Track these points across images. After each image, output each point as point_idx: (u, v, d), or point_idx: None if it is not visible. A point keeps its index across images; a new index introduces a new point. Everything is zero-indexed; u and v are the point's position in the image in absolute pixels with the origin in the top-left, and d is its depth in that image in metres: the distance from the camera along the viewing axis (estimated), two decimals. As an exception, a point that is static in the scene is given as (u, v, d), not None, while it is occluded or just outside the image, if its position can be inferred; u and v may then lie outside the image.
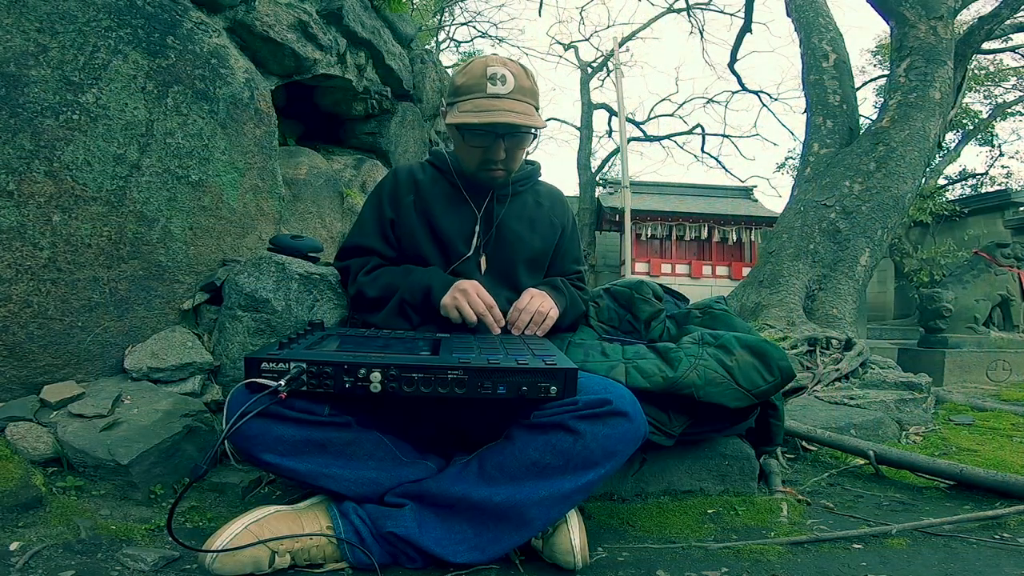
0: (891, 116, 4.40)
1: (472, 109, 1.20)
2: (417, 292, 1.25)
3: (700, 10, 13.97)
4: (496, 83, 1.20)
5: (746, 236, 16.38)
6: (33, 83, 1.31)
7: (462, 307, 1.19)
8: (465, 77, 1.23)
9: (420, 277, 1.26)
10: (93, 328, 1.42)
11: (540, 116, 1.27)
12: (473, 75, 1.22)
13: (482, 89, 1.20)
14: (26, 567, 0.91)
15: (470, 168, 1.31)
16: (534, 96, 1.25)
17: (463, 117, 1.20)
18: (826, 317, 3.73)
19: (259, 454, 0.94)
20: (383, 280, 1.29)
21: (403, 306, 1.26)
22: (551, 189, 1.49)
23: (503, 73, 1.20)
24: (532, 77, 1.26)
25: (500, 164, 1.27)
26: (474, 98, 1.21)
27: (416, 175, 1.38)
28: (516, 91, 1.21)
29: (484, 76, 1.20)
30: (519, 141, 1.26)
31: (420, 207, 1.34)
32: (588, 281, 1.56)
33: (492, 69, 1.21)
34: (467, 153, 1.29)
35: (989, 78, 12.50)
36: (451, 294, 1.21)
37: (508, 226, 1.36)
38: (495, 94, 1.20)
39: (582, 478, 0.95)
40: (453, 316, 1.21)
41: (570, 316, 1.37)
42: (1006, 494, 1.37)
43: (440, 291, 1.22)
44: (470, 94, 1.21)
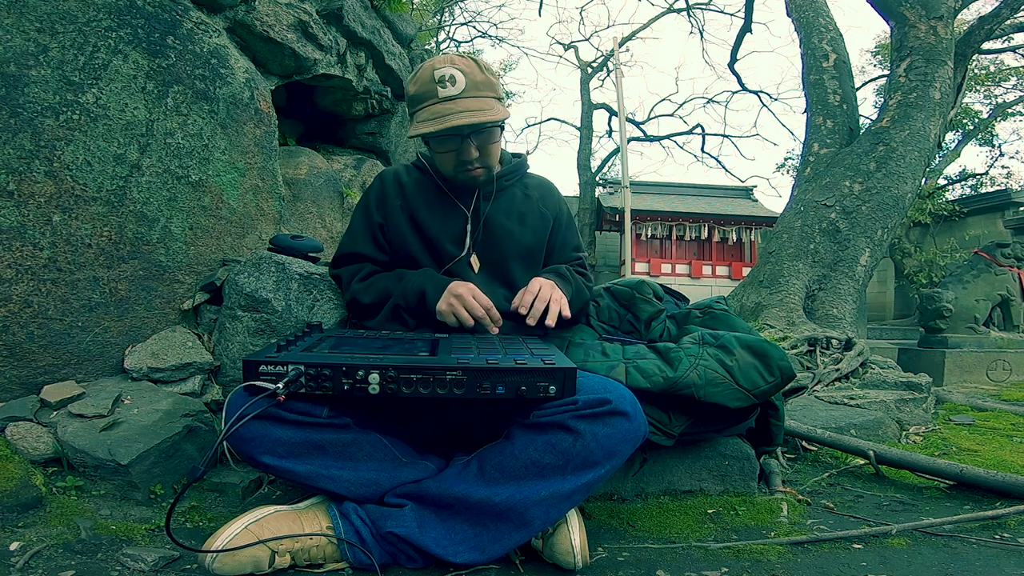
0: (891, 116, 4.40)
1: (428, 117, 1.18)
2: (412, 297, 1.24)
3: (700, 10, 13.97)
4: (446, 85, 1.17)
5: (746, 236, 16.37)
6: (33, 83, 1.31)
7: (458, 312, 1.18)
8: (416, 85, 1.21)
9: (414, 281, 1.25)
10: (93, 328, 1.42)
11: (501, 106, 1.24)
12: (423, 81, 1.20)
13: (433, 94, 1.18)
14: (26, 567, 0.91)
15: (448, 172, 1.30)
16: (490, 87, 1.22)
17: (421, 127, 1.19)
18: (826, 317, 3.73)
19: (258, 456, 0.94)
20: (377, 286, 1.29)
21: (398, 311, 1.26)
22: (540, 181, 1.47)
23: (451, 73, 1.18)
24: (486, 69, 1.23)
25: (476, 163, 1.25)
26: (428, 105, 1.19)
27: (401, 178, 1.37)
28: (469, 88, 1.18)
29: (433, 81, 1.18)
30: (487, 136, 1.24)
31: (408, 210, 1.33)
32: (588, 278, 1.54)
33: (440, 71, 1.18)
34: (441, 159, 1.28)
35: (989, 78, 12.50)
36: (446, 299, 1.20)
37: (496, 223, 1.34)
38: (447, 96, 1.18)
39: (582, 478, 0.95)
40: (450, 322, 1.20)
41: (575, 304, 1.33)
42: (1006, 494, 1.37)
43: (435, 295, 1.21)
44: (424, 102, 1.20)
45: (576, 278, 1.39)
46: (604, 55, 16.32)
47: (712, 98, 21.16)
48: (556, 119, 27.95)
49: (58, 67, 1.35)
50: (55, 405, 1.29)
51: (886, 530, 1.16)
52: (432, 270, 1.29)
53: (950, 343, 4.33)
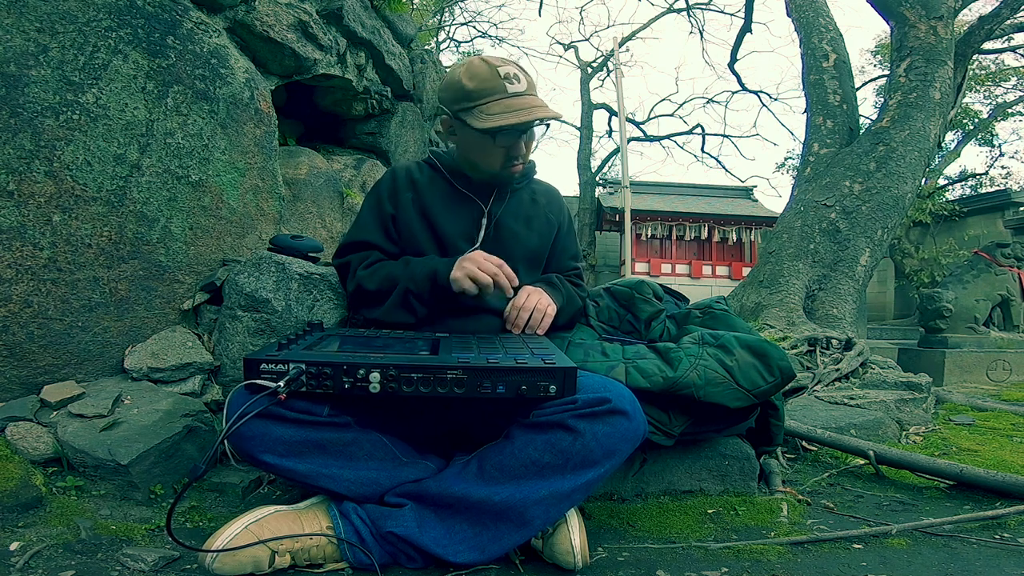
0: (891, 116, 4.40)
1: (503, 111, 1.18)
2: (421, 277, 1.22)
3: (700, 10, 13.98)
4: (512, 81, 1.20)
5: (746, 236, 16.38)
6: (33, 83, 1.31)
7: (474, 273, 1.16)
8: (475, 81, 1.20)
9: (422, 264, 1.25)
10: (93, 328, 1.42)
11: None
12: (483, 77, 1.19)
13: (502, 89, 1.19)
14: (26, 567, 0.91)
15: (493, 169, 1.29)
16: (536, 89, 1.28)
17: (498, 120, 1.17)
18: (826, 317, 3.73)
19: (259, 455, 0.94)
20: (382, 272, 1.27)
21: (407, 296, 1.23)
22: (547, 187, 1.49)
23: (514, 72, 1.22)
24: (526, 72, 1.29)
25: (520, 159, 1.29)
26: (498, 99, 1.19)
27: (413, 174, 1.37)
28: (529, 87, 1.23)
29: (498, 76, 1.19)
30: (532, 134, 1.29)
31: (419, 206, 1.33)
32: (588, 281, 1.56)
33: (503, 69, 1.20)
34: (489, 154, 1.27)
35: (989, 78, 12.50)
36: (458, 266, 1.19)
37: (506, 224, 1.35)
38: (516, 92, 1.20)
39: (582, 477, 0.95)
40: (468, 287, 1.17)
41: (567, 313, 1.37)
42: (1006, 494, 1.37)
43: (445, 270, 1.20)
44: (490, 96, 1.19)
45: (567, 287, 1.41)
46: (604, 55, 16.33)
47: (712, 98, 21.19)
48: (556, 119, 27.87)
49: (58, 67, 1.35)
50: (55, 405, 1.29)
51: (886, 530, 1.16)
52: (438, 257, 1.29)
53: (950, 343, 4.33)
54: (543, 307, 1.26)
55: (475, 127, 1.19)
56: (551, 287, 1.35)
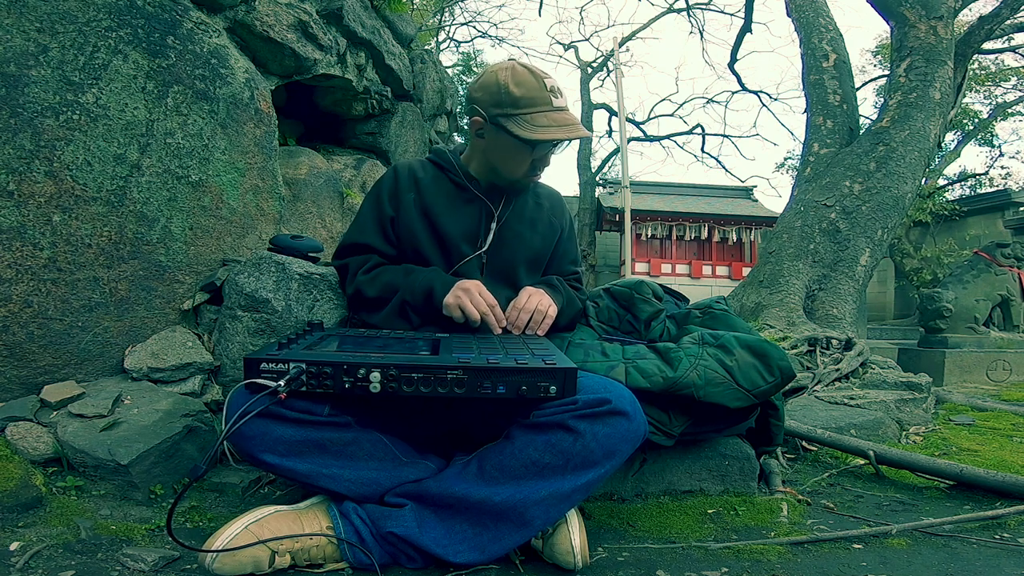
0: (891, 116, 4.40)
1: (550, 123, 1.20)
2: (418, 293, 1.24)
3: (700, 10, 13.96)
4: (558, 96, 1.23)
5: (746, 236, 16.38)
6: (33, 83, 1.31)
7: (465, 306, 1.19)
8: (523, 89, 1.20)
9: (421, 278, 1.25)
10: (93, 328, 1.42)
11: None
12: (531, 87, 1.21)
13: (548, 102, 1.21)
14: (26, 567, 0.91)
15: (515, 176, 1.30)
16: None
17: (545, 132, 1.19)
18: (826, 317, 3.73)
19: (259, 454, 0.94)
20: (382, 279, 1.28)
21: (404, 307, 1.25)
22: (550, 191, 1.50)
23: (558, 87, 1.24)
24: None
25: (543, 170, 1.33)
26: (544, 111, 1.21)
27: (416, 173, 1.37)
28: (567, 103, 1.25)
29: (544, 89, 1.21)
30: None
31: (421, 206, 1.33)
32: (588, 281, 1.58)
33: (549, 82, 1.23)
34: (518, 162, 1.28)
35: (989, 78, 12.49)
36: (453, 293, 1.21)
37: (510, 226, 1.36)
38: (559, 107, 1.23)
39: (582, 478, 0.95)
40: (456, 316, 1.20)
41: (567, 315, 1.38)
42: (1006, 494, 1.37)
43: (441, 292, 1.22)
44: (536, 107, 1.20)
45: (567, 290, 1.42)
46: (604, 55, 16.32)
47: (712, 98, 21.19)
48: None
49: (58, 67, 1.35)
50: (55, 405, 1.29)
51: (886, 530, 1.16)
52: (439, 269, 1.30)
53: (950, 343, 4.33)
54: (544, 308, 1.26)
55: (518, 135, 1.20)
56: (552, 289, 1.36)
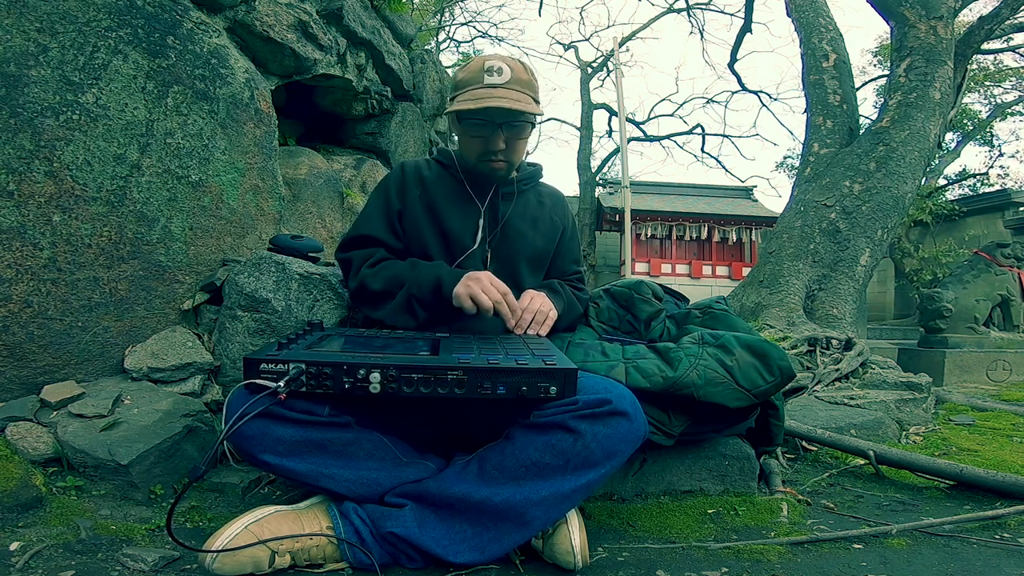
0: (891, 116, 4.40)
1: (469, 98, 1.23)
2: (426, 285, 1.22)
3: (700, 10, 13.97)
4: (493, 74, 1.23)
5: (746, 236, 16.38)
6: (33, 83, 1.31)
7: (476, 295, 1.16)
8: (465, 72, 1.28)
9: (428, 270, 1.24)
10: (93, 328, 1.42)
11: (538, 106, 1.29)
12: (472, 69, 1.26)
13: (479, 80, 1.24)
14: (26, 567, 0.91)
15: (471, 160, 1.31)
16: (531, 88, 1.27)
17: (460, 105, 1.23)
18: (826, 317, 3.73)
19: (259, 454, 0.94)
20: (387, 273, 1.26)
21: (411, 300, 1.23)
22: (553, 190, 1.51)
23: (500, 65, 1.24)
24: (531, 72, 1.29)
25: (500, 155, 1.28)
26: (471, 89, 1.24)
27: (422, 171, 1.38)
28: (512, 81, 1.24)
29: (482, 69, 1.24)
30: (517, 131, 1.27)
31: (426, 202, 1.34)
32: (588, 281, 1.57)
33: (490, 63, 1.25)
34: (469, 145, 1.30)
35: (989, 78, 12.49)
36: (464, 283, 1.19)
37: (512, 224, 1.37)
38: (491, 84, 1.23)
39: (582, 478, 0.95)
40: (467, 306, 1.17)
41: (567, 318, 1.38)
42: (1006, 494, 1.37)
43: (450, 282, 1.20)
44: (468, 86, 1.25)
45: (568, 292, 1.42)
46: (604, 55, 16.33)
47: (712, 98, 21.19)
48: (556, 119, 27.92)
49: (58, 67, 1.35)
50: (55, 405, 1.29)
51: (886, 530, 1.16)
52: (445, 263, 1.29)
53: (950, 343, 4.33)
54: (545, 309, 1.26)
55: (446, 111, 1.30)
56: (553, 293, 1.36)
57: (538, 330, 1.24)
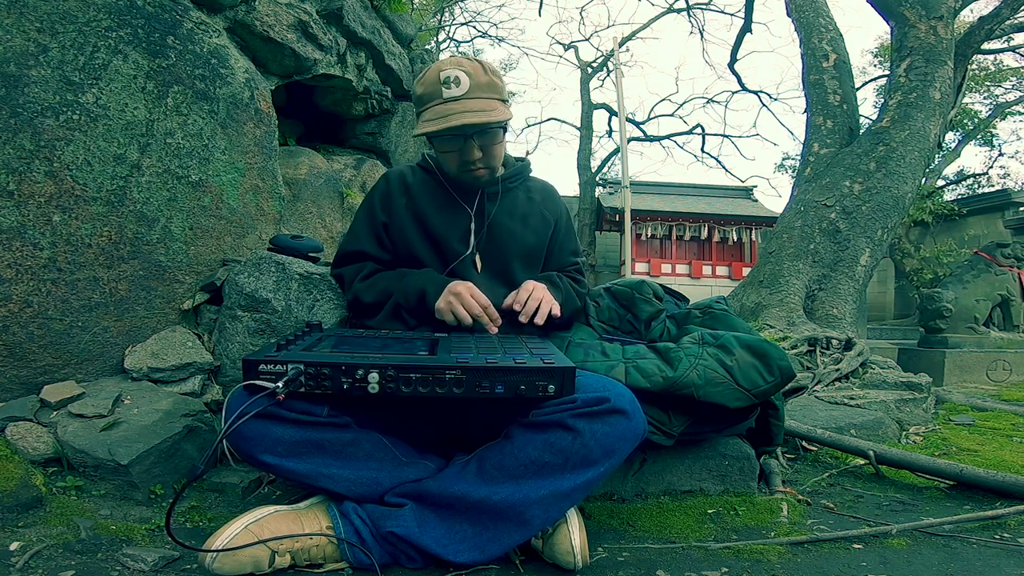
0: (891, 116, 4.40)
1: (432, 117, 1.21)
2: (412, 296, 1.25)
3: (700, 10, 13.97)
4: (450, 86, 1.19)
5: (746, 236, 16.38)
6: (33, 83, 1.31)
7: (456, 310, 1.19)
8: (423, 86, 1.23)
9: (414, 281, 1.26)
10: (93, 328, 1.43)
11: (505, 107, 1.26)
12: (429, 82, 1.22)
13: (438, 95, 1.21)
14: (26, 567, 0.91)
15: (452, 172, 1.32)
16: (494, 89, 1.23)
17: (425, 127, 1.21)
18: (826, 317, 3.73)
19: (258, 455, 0.94)
20: (378, 286, 1.29)
21: (398, 310, 1.26)
22: (542, 184, 1.49)
23: (456, 75, 1.20)
24: (491, 71, 1.25)
25: (479, 163, 1.27)
26: (432, 105, 1.22)
27: (407, 178, 1.38)
28: (472, 89, 1.20)
29: (438, 82, 1.20)
30: (490, 137, 1.26)
31: (413, 210, 1.34)
32: (588, 281, 1.56)
33: (445, 73, 1.20)
34: (445, 159, 1.30)
35: (989, 78, 12.49)
36: (445, 297, 1.21)
37: (500, 223, 1.36)
38: (451, 97, 1.20)
39: (581, 476, 0.95)
40: (448, 320, 1.21)
41: (567, 310, 1.37)
42: (1006, 494, 1.37)
43: (434, 294, 1.22)
44: (429, 102, 1.22)
45: (567, 285, 1.41)
46: (604, 55, 16.33)
47: (712, 98, 21.18)
48: (556, 119, 27.96)
49: (58, 67, 1.35)
50: (55, 405, 1.29)
51: (886, 530, 1.16)
52: (433, 271, 1.30)
53: (950, 343, 4.33)
54: (549, 299, 1.27)
55: (413, 134, 1.25)
56: (552, 285, 1.36)
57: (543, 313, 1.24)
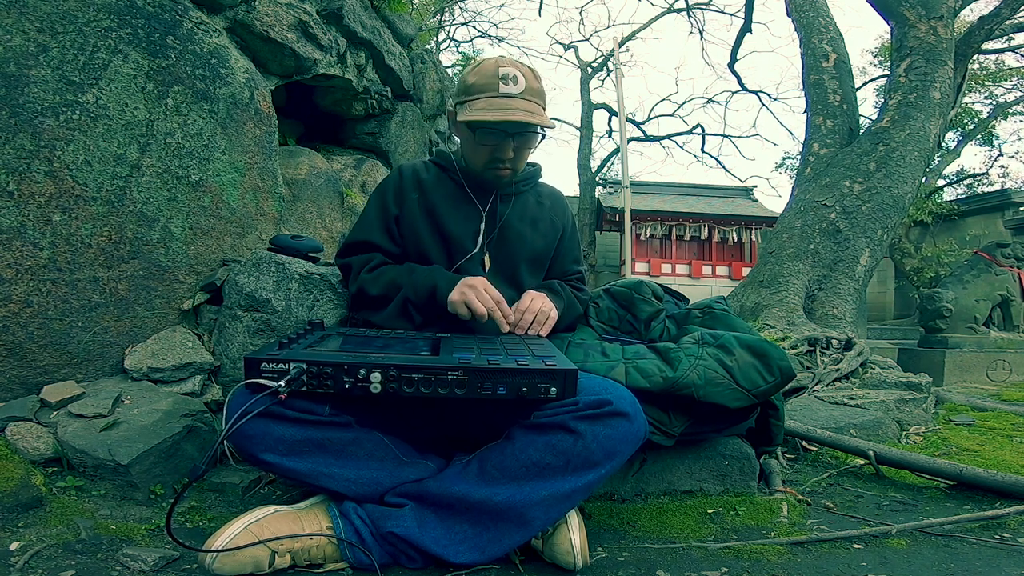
0: (891, 116, 4.40)
1: (486, 107, 1.20)
2: (422, 290, 1.23)
3: (700, 10, 13.98)
4: (508, 83, 1.21)
5: (746, 236, 16.37)
6: (33, 83, 1.31)
7: (471, 302, 1.17)
8: (477, 76, 1.24)
9: (425, 275, 1.25)
10: (93, 328, 1.42)
11: (548, 118, 1.28)
12: (485, 74, 1.22)
13: (495, 88, 1.21)
14: (26, 567, 0.91)
15: (477, 167, 1.31)
16: (542, 97, 1.26)
17: (477, 115, 1.20)
18: (826, 317, 3.73)
19: (259, 454, 0.94)
20: (386, 278, 1.27)
21: (406, 305, 1.25)
22: (552, 190, 1.50)
23: (515, 74, 1.21)
24: (540, 80, 1.28)
25: (507, 163, 1.28)
26: (487, 96, 1.21)
27: (420, 174, 1.38)
28: (527, 92, 1.22)
29: (496, 76, 1.21)
30: (527, 141, 1.27)
31: (425, 205, 1.33)
32: (588, 281, 1.56)
33: (504, 69, 1.22)
34: (475, 152, 1.29)
35: (989, 78, 12.49)
36: (459, 289, 1.19)
37: (511, 225, 1.36)
38: (508, 93, 1.21)
39: (582, 478, 0.95)
40: (462, 312, 1.18)
41: (567, 318, 1.38)
42: (1006, 494, 1.37)
43: (446, 288, 1.21)
44: (483, 93, 1.22)
45: (568, 293, 1.41)
46: (604, 55, 16.33)
47: (712, 98, 21.20)
48: (556, 119, 27.88)
49: (58, 67, 1.35)
50: (55, 405, 1.29)
51: (886, 530, 1.16)
52: (442, 268, 1.29)
53: (950, 343, 4.33)
54: (546, 310, 1.26)
55: (459, 119, 1.25)
56: (553, 293, 1.36)
57: (539, 330, 1.25)
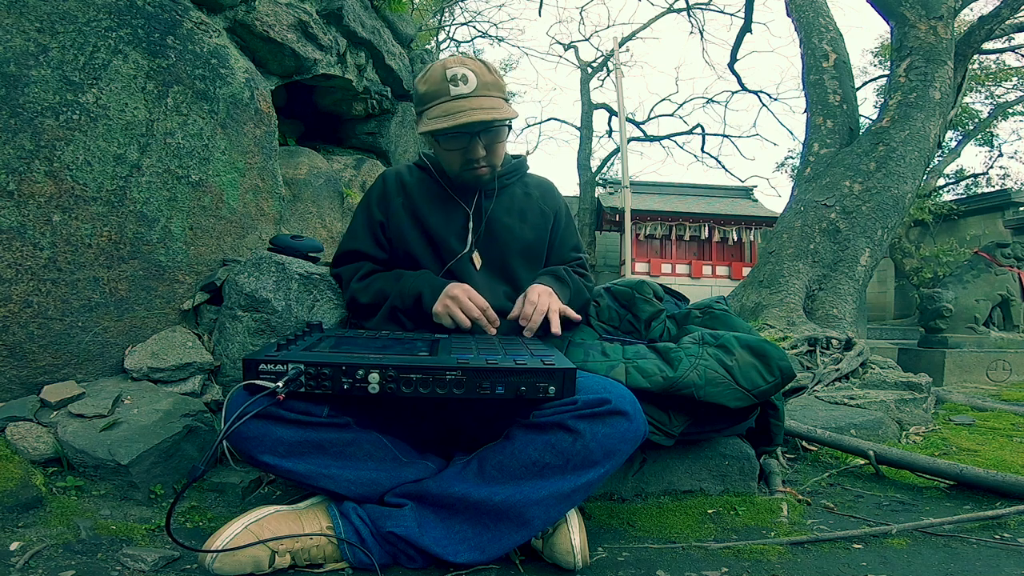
0: (891, 116, 4.40)
1: (441, 114, 1.20)
2: (408, 298, 1.24)
3: (700, 10, 13.97)
4: (459, 83, 1.19)
5: (746, 236, 16.37)
6: (33, 83, 1.31)
7: (454, 313, 1.18)
8: (427, 84, 1.23)
9: (410, 283, 1.25)
10: (93, 328, 1.42)
11: (509, 106, 1.26)
12: (434, 80, 1.22)
13: (446, 92, 1.20)
14: (26, 567, 0.91)
15: (454, 170, 1.31)
16: (499, 88, 1.24)
17: (434, 123, 1.20)
18: (826, 317, 3.73)
19: (258, 455, 0.94)
20: (375, 286, 1.29)
21: (395, 312, 1.26)
22: (540, 180, 1.49)
23: (463, 72, 1.20)
24: (494, 70, 1.25)
25: (482, 162, 1.27)
26: (440, 103, 1.21)
27: (404, 177, 1.38)
28: (480, 88, 1.20)
29: (445, 79, 1.20)
30: (495, 135, 1.26)
31: (410, 208, 1.34)
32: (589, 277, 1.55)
33: (452, 71, 1.20)
34: (448, 157, 1.29)
35: (989, 78, 12.48)
36: (442, 301, 1.20)
37: (498, 220, 1.35)
38: (460, 95, 1.19)
39: (582, 477, 0.95)
40: (446, 323, 1.20)
41: (575, 305, 1.36)
42: (1006, 494, 1.37)
43: (431, 297, 1.22)
44: (435, 99, 1.22)
45: (575, 279, 1.40)
46: (604, 55, 16.32)
47: (712, 98, 21.19)
48: (556, 119, 28.05)
49: (58, 67, 1.35)
50: (55, 405, 1.29)
51: (886, 530, 1.16)
52: (430, 272, 1.29)
53: (950, 343, 4.33)
54: (556, 306, 1.25)
55: (419, 131, 1.24)
56: (558, 281, 1.34)
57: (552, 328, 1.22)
